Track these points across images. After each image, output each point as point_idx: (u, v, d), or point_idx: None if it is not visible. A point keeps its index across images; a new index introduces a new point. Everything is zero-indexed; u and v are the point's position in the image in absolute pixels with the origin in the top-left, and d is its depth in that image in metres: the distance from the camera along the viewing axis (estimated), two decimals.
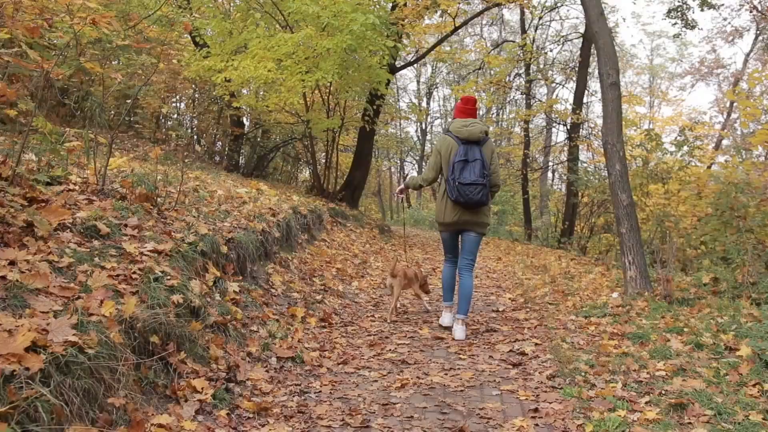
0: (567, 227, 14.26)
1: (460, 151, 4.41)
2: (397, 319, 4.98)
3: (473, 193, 4.36)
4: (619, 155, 6.20)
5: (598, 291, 6.37)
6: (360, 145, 13.73)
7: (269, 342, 3.72)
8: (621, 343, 4.23)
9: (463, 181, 4.36)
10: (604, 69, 6.20)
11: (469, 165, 4.39)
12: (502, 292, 6.40)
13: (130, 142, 11.23)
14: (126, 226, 3.77)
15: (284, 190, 11.44)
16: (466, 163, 4.39)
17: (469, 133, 4.45)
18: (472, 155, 4.40)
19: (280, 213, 6.21)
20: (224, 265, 4.39)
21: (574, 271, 8.08)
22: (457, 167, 4.39)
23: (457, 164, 4.39)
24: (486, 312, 5.35)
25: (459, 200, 4.41)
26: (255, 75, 9.66)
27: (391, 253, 9.45)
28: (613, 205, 6.39)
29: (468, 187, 4.36)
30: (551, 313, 5.14)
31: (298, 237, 6.65)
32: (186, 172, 7.67)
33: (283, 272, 5.37)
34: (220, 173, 10.64)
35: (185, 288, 3.35)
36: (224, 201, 5.99)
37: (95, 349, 2.41)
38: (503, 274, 7.67)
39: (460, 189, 4.37)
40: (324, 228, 8.36)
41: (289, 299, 4.84)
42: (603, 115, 6.30)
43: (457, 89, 16.27)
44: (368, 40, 9.06)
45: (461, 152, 4.40)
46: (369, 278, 6.74)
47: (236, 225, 5.02)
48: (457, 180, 4.38)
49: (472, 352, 4.01)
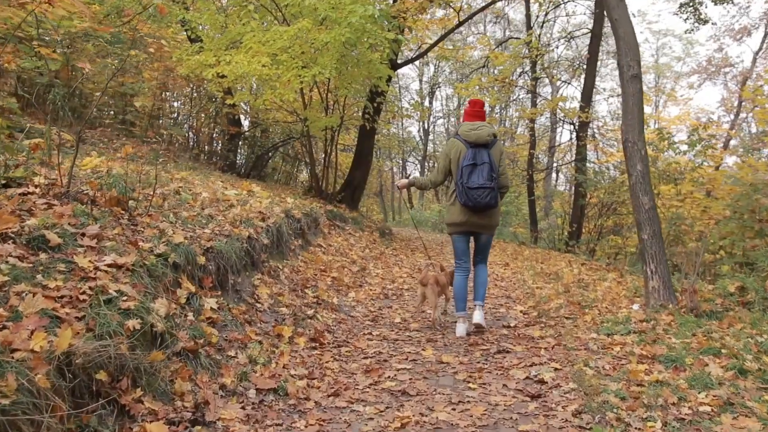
0: (575, 230, 13.72)
1: (469, 155, 4.43)
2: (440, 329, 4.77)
3: (482, 197, 4.37)
4: (641, 154, 5.67)
5: (617, 302, 5.85)
6: (360, 144, 13.21)
7: (248, 370, 3.20)
8: (652, 368, 3.70)
9: (471, 185, 4.37)
10: (624, 60, 5.67)
11: (477, 168, 4.40)
12: (512, 303, 5.87)
13: (119, 141, 10.74)
14: (83, 236, 3.26)
15: (280, 191, 10.93)
16: (474, 167, 4.40)
17: (477, 136, 4.46)
18: (480, 158, 4.42)
19: (270, 217, 5.70)
20: (201, 279, 3.88)
21: (587, 278, 7.55)
22: (466, 171, 4.40)
23: (465, 168, 4.40)
24: (496, 328, 4.83)
25: (468, 204, 4.40)
26: (248, 70, 9.16)
27: (392, 258, 8.93)
28: (634, 209, 5.86)
29: (476, 191, 4.36)
30: (569, 330, 4.61)
31: (291, 243, 6.14)
32: (172, 173, 7.17)
33: (272, 283, 4.86)
34: (213, 174, 10.14)
35: (146, 310, 2.83)
36: (209, 204, 5.49)
37: (11, 398, 1.90)
38: (512, 282, 7.15)
39: (469, 193, 4.37)
40: (320, 232, 7.85)
41: (277, 315, 4.32)
42: (623, 111, 5.77)
43: (461, 87, 15.74)
44: (368, 33, 8.54)
45: (470, 156, 4.43)
46: (367, 288, 6.22)
47: (219, 232, 4.51)
48: (466, 184, 4.38)
49: (483, 379, 3.49)
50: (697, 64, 30.84)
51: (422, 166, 31.94)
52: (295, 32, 8.92)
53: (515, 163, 19.83)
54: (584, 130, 15.01)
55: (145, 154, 10.21)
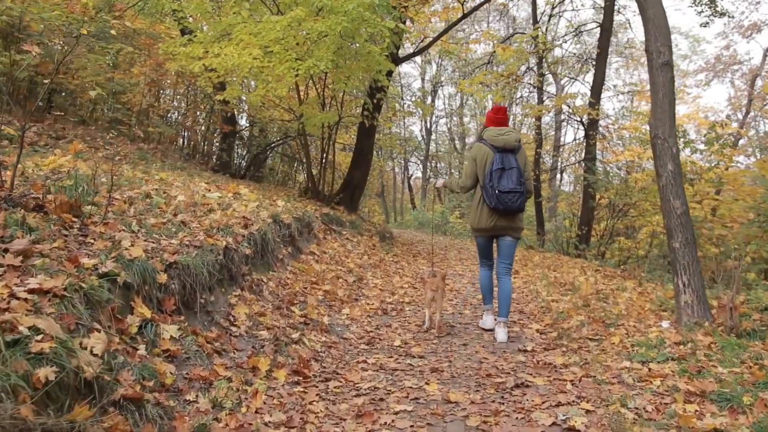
0: (585, 233, 13.05)
1: (497, 160, 4.48)
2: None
3: (512, 201, 4.44)
4: (672, 152, 5.03)
5: (643, 317, 5.21)
6: (360, 143, 12.57)
7: (209, 421, 2.57)
8: (703, 409, 3.07)
9: (503, 189, 4.42)
10: (653, 45, 5.03)
11: (506, 173, 4.45)
12: (527, 320, 5.23)
13: (104, 139, 10.12)
14: (6, 252, 2.63)
15: (274, 193, 10.30)
16: (503, 171, 4.45)
17: (505, 141, 4.52)
18: (508, 163, 4.47)
19: (254, 223, 5.06)
20: (162, 300, 3.25)
21: (604, 287, 6.91)
22: (495, 175, 4.46)
23: (495, 172, 4.46)
24: (511, 352, 4.19)
25: (498, 207, 4.46)
26: (239, 63, 8.53)
27: (392, 266, 8.29)
28: (663, 214, 5.21)
29: (507, 195, 4.43)
30: (596, 356, 3.97)
31: (279, 251, 5.51)
32: (150, 174, 6.55)
33: (253, 301, 4.22)
34: (203, 174, 9.51)
35: (69, 351, 2.20)
36: (184, 209, 4.86)
37: None
38: (524, 293, 6.50)
39: (500, 197, 4.43)
40: (314, 238, 7.21)
41: (255, 341, 3.69)
42: (652, 103, 5.12)
43: (464, 84, 15.10)
44: (366, 22, 7.90)
45: (498, 160, 4.47)
46: (364, 302, 5.58)
47: (189, 242, 3.88)
48: (497, 188, 4.43)
49: (501, 426, 2.85)
50: (705, 61, 30.16)
51: (424, 166, 31.31)
52: (289, 22, 8.29)
53: None
54: (594, 128, 14.36)
55: (128, 154, 9.61)
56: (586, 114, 13.86)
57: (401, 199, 35.88)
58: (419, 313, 5.45)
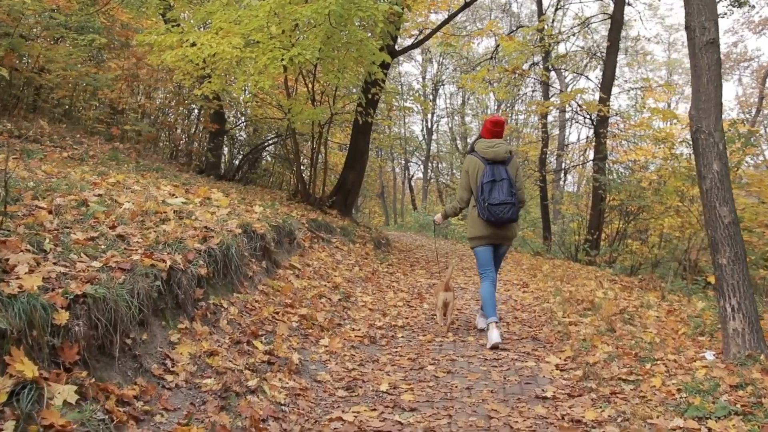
0: (595, 238, 12.18)
1: (487, 172, 4.50)
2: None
3: (503, 212, 4.45)
4: (718, 149, 4.18)
5: (681, 346, 4.37)
6: (354, 142, 11.72)
7: None
8: None
9: (493, 202, 4.44)
10: (696, 21, 4.17)
11: (497, 185, 4.47)
12: (542, 349, 4.37)
13: (73, 138, 9.29)
14: None
15: (260, 196, 9.46)
16: (494, 183, 4.48)
17: (495, 154, 4.55)
18: (499, 175, 4.49)
19: (216, 235, 4.22)
20: (59, 349, 2.41)
21: (626, 303, 6.06)
22: (486, 188, 4.48)
23: (485, 185, 4.48)
24: (527, 399, 3.33)
25: (491, 219, 4.48)
26: (216, 52, 7.70)
27: (386, 278, 7.43)
28: (706, 224, 4.36)
29: (497, 207, 4.44)
30: (635, 407, 3.11)
31: (248, 268, 4.66)
32: (104, 177, 5.70)
33: (204, 335, 3.38)
34: (180, 177, 8.67)
35: None
36: (129, 220, 4.01)
37: None
38: (536, 313, 5.64)
39: (491, 209, 4.44)
40: (297, 248, 6.37)
41: (196, 394, 2.84)
42: (693, 90, 4.26)
43: (466, 79, 14.24)
44: (356, 4, 7.06)
45: (488, 172, 4.50)
46: (349, 328, 4.71)
47: (117, 263, 3.04)
48: (487, 201, 4.46)
49: None
50: None
51: (425, 166, 30.46)
52: (272, 7, 7.45)
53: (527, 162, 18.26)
54: (604, 125, 13.49)
55: (97, 154, 8.78)
56: (596, 111, 12.98)
57: (402, 200, 35.06)
58: (414, 340, 4.60)
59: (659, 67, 31.82)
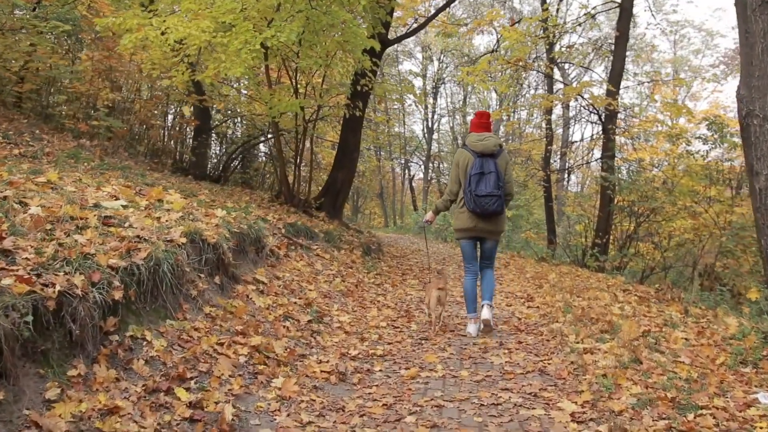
0: (604, 242, 11.30)
1: (476, 164, 4.59)
2: None
3: (489, 204, 4.53)
4: None
5: (721, 380, 3.52)
6: (344, 138, 10.87)
7: None
8: None
9: (479, 193, 4.53)
10: None
11: (484, 177, 4.56)
12: (552, 387, 3.50)
13: (32, 134, 8.46)
14: None
15: (238, 197, 8.62)
16: (482, 176, 4.56)
17: (484, 146, 4.63)
18: (487, 168, 4.57)
19: (141, 250, 3.37)
20: None
21: (647, 321, 5.20)
22: (474, 179, 4.56)
23: (473, 177, 4.57)
24: None
25: (476, 210, 4.56)
26: (183, 36, 6.88)
27: (372, 290, 6.57)
28: (757, 228, 3.51)
29: (483, 199, 4.52)
30: None
31: (192, 286, 3.81)
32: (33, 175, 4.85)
33: (103, 384, 2.53)
34: (146, 176, 7.83)
35: None
36: (31, 228, 3.17)
37: None
38: (543, 336, 4.77)
39: (477, 200, 4.53)
40: (268, 258, 5.52)
41: None
42: (743, 64, 3.40)
43: (466, 72, 13.38)
44: None
45: (477, 165, 4.58)
46: (315, 361, 3.84)
47: None
48: (474, 192, 4.54)
49: None
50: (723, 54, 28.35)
51: (426, 166, 29.61)
52: None
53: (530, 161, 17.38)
54: (612, 121, 12.60)
55: (53, 151, 7.94)
56: (605, 105, 12.10)
57: (402, 201, 34.20)
58: (394, 376, 3.74)
59: (665, 65, 30.97)
